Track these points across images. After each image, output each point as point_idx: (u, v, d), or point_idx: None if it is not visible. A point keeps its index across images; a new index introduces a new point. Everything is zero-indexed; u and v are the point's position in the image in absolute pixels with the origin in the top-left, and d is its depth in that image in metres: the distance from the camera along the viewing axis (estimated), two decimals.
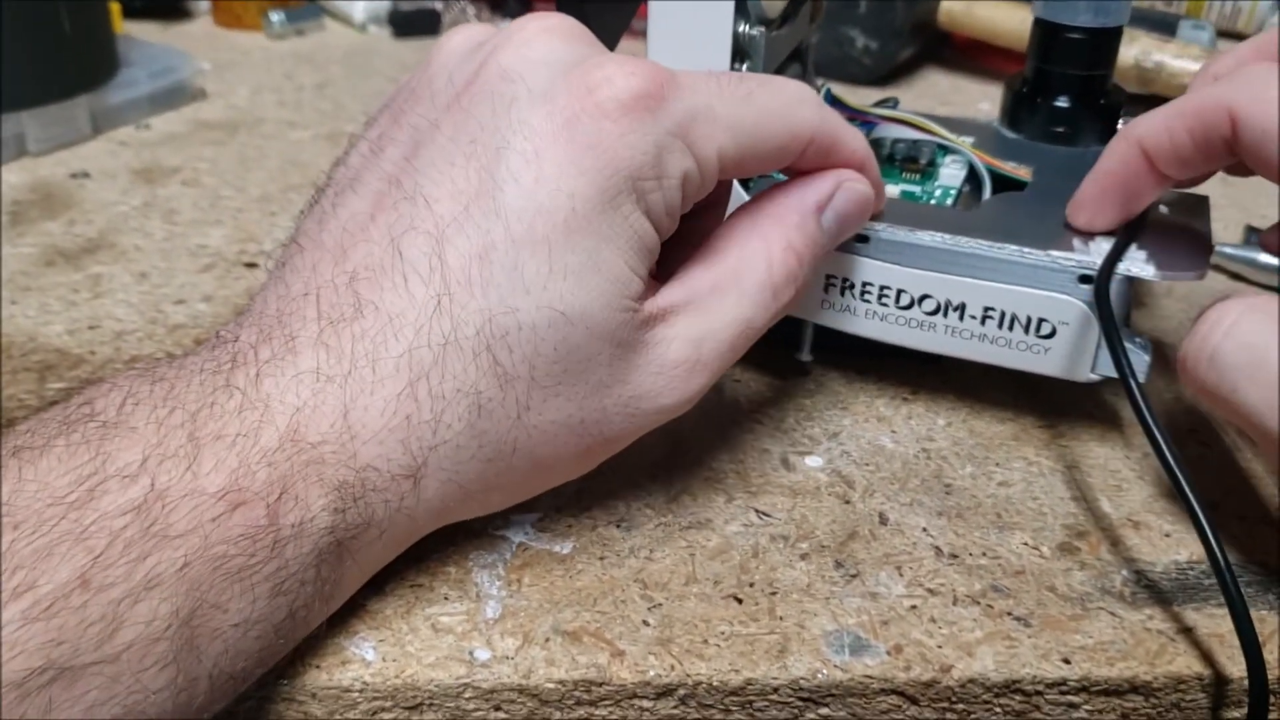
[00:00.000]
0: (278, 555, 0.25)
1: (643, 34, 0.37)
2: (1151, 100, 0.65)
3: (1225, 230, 0.52)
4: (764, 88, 0.31)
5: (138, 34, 0.73)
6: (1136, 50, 0.66)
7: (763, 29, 0.36)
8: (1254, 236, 0.50)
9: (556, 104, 0.28)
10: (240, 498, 0.24)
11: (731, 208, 0.34)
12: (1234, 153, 0.31)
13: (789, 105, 0.31)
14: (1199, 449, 0.37)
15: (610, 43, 0.38)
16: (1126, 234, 0.35)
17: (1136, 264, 0.34)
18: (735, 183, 0.36)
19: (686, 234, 0.31)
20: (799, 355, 0.39)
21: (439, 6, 0.82)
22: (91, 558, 0.22)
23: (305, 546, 0.25)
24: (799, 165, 0.32)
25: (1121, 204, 0.34)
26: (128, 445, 0.24)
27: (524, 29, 0.30)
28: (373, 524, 0.27)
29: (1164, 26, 0.71)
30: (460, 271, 0.27)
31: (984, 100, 0.71)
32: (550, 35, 0.29)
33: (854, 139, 0.33)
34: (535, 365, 0.27)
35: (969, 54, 0.76)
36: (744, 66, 0.36)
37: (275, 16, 0.78)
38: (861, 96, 0.69)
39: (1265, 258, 0.49)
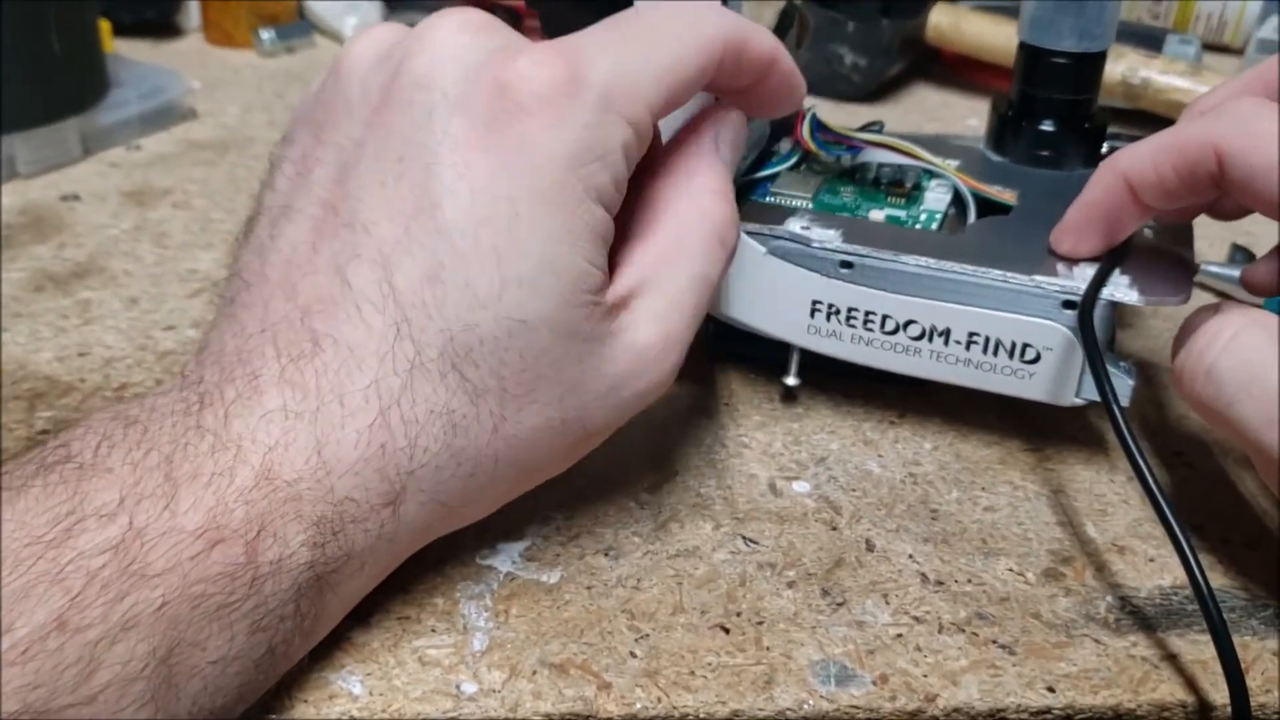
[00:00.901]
0: (256, 592, 0.25)
1: None
2: (1137, 118, 0.65)
3: (1211, 249, 0.53)
4: (664, 17, 0.30)
5: (128, 52, 0.73)
6: (1123, 66, 0.66)
7: None
8: (1239, 255, 0.51)
9: (474, 109, 0.27)
10: (218, 535, 0.24)
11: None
12: (1219, 187, 0.32)
13: (693, 24, 0.30)
14: (1185, 471, 0.38)
15: None
16: (1110, 259, 0.35)
17: (1120, 289, 0.35)
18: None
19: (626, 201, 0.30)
20: (786, 379, 0.39)
21: None
22: (69, 598, 0.22)
23: (284, 583, 0.25)
24: (718, 80, 0.31)
25: (1104, 233, 0.35)
26: (105, 485, 0.24)
27: (432, 28, 0.29)
28: (353, 555, 0.27)
29: (1150, 41, 0.71)
30: (413, 295, 0.27)
31: (972, 116, 0.71)
32: (457, 34, 0.29)
33: (760, 33, 0.32)
34: (504, 376, 0.27)
35: (958, 70, 0.77)
36: None
37: (266, 34, 0.78)
38: (850, 113, 0.70)
39: None
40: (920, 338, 0.36)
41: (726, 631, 0.30)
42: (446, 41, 0.29)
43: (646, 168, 0.32)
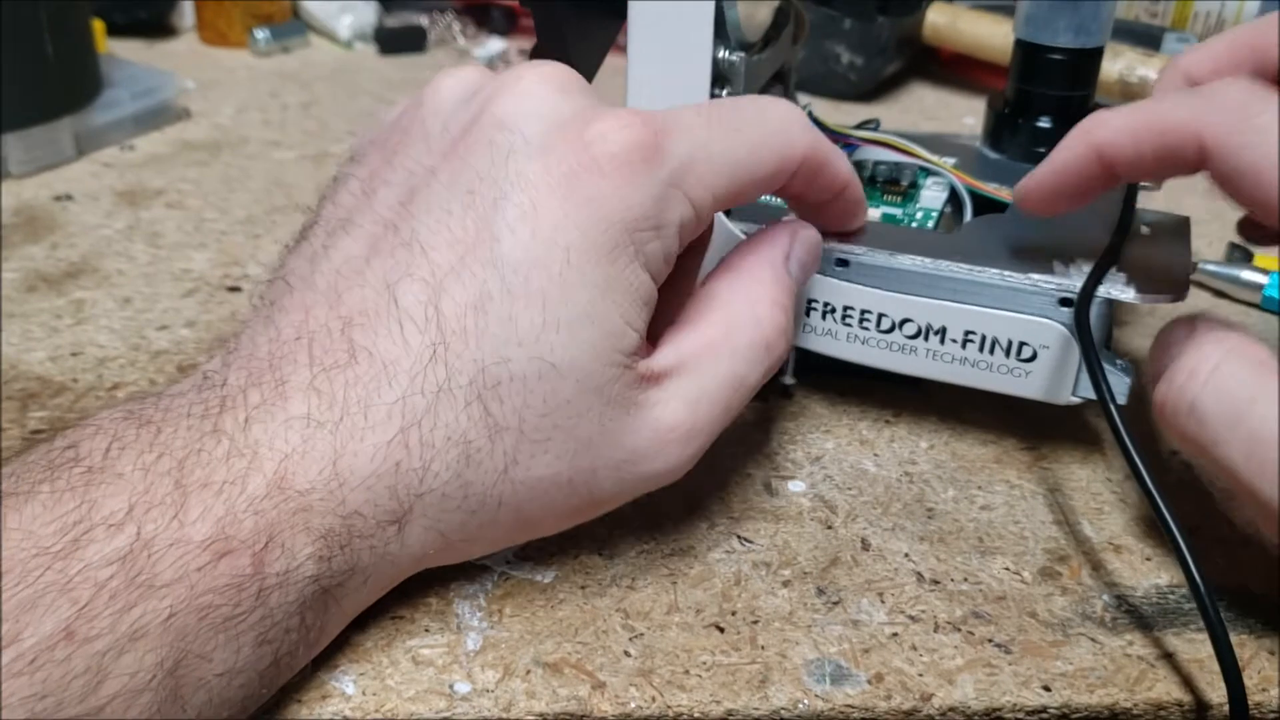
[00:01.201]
0: (263, 604, 0.25)
1: (624, 49, 0.37)
2: None
3: (1209, 247, 0.53)
4: (754, 116, 0.31)
5: (122, 52, 0.73)
6: (1121, 65, 0.66)
7: (743, 54, 0.36)
8: (1237, 254, 0.50)
9: (553, 157, 0.28)
10: (226, 546, 0.24)
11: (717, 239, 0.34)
12: (1198, 170, 0.30)
13: (779, 132, 0.31)
14: (1182, 470, 0.37)
15: (591, 66, 0.38)
16: (1107, 257, 0.35)
17: (1116, 287, 0.34)
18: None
19: (672, 281, 0.31)
20: (782, 378, 0.39)
21: (424, 23, 0.82)
22: (76, 609, 0.22)
23: (290, 595, 0.25)
24: (790, 188, 0.32)
25: (1070, 199, 0.34)
26: (114, 492, 0.24)
27: (521, 78, 0.29)
28: (357, 570, 0.27)
29: (1148, 40, 0.71)
30: (455, 321, 0.27)
31: (969, 115, 0.71)
32: (546, 85, 0.29)
33: (840, 158, 0.33)
34: (525, 418, 0.27)
35: (954, 68, 0.77)
36: (724, 92, 0.36)
37: (260, 34, 0.78)
38: (847, 112, 0.70)
39: (1248, 275, 0.49)
40: (916, 336, 0.36)
41: (721, 630, 0.30)
42: (533, 92, 0.29)
43: (700, 248, 0.33)
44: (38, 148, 0.57)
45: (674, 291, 0.31)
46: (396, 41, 0.80)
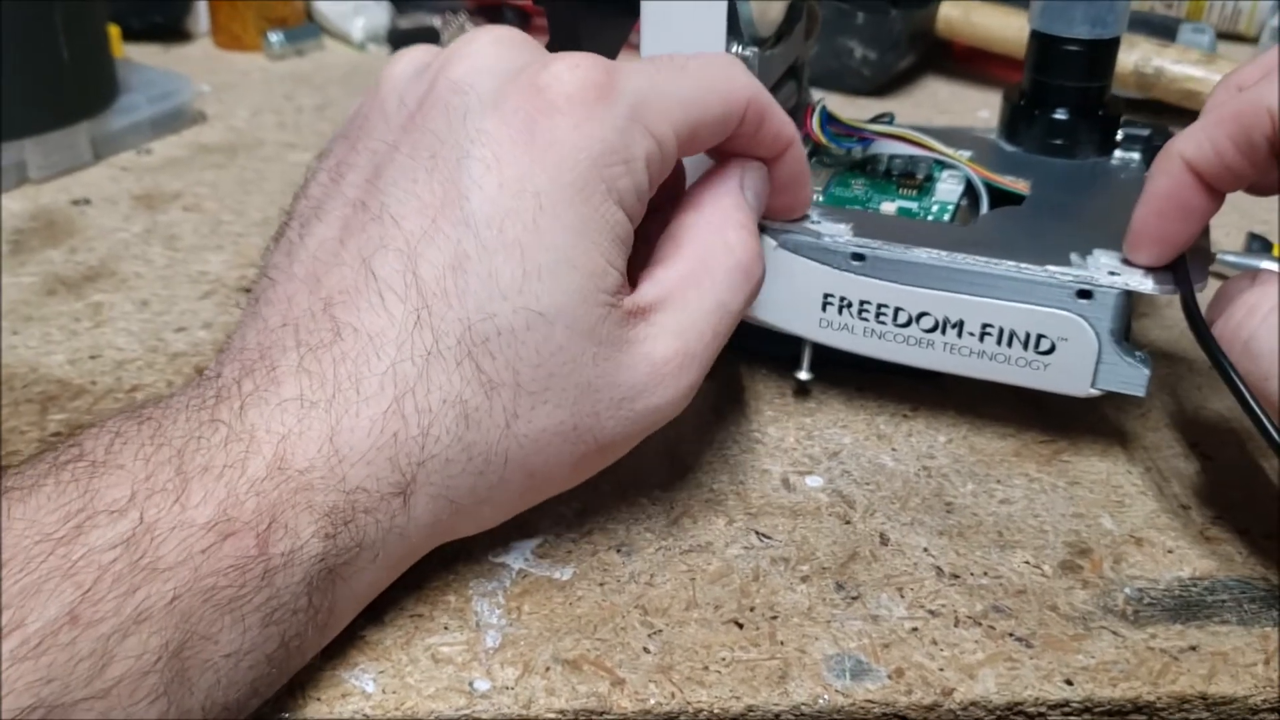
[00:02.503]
0: (268, 584, 0.25)
1: (637, 47, 0.37)
2: (1151, 108, 0.65)
3: (1227, 237, 0.52)
4: (697, 60, 0.31)
5: (138, 56, 0.73)
6: (1136, 56, 0.66)
7: (756, 50, 0.36)
8: (1256, 243, 0.50)
9: (509, 107, 0.28)
10: (229, 528, 0.24)
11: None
12: (1278, 155, 0.31)
13: (723, 74, 0.31)
14: (1202, 461, 0.37)
15: None
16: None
17: (1135, 278, 0.34)
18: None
19: (650, 226, 0.31)
20: (798, 374, 0.39)
21: (437, 23, 0.82)
22: (80, 593, 0.22)
23: (296, 575, 0.25)
24: (736, 138, 0.32)
25: (1180, 225, 0.33)
26: (116, 482, 0.24)
27: (470, 41, 0.30)
28: (365, 547, 0.27)
29: (1164, 30, 0.71)
30: (435, 284, 0.27)
31: (983, 108, 0.71)
32: (496, 44, 0.30)
33: (780, 112, 0.33)
34: (519, 370, 0.27)
35: (968, 62, 0.76)
36: None
37: (274, 37, 0.78)
38: (860, 107, 0.69)
39: (1267, 264, 0.48)
40: (933, 330, 0.36)
41: (740, 626, 0.30)
42: (483, 52, 0.30)
43: (673, 201, 0.33)
44: (55, 153, 0.57)
45: (649, 237, 0.32)
46: (409, 42, 0.79)
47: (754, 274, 0.32)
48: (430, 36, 0.81)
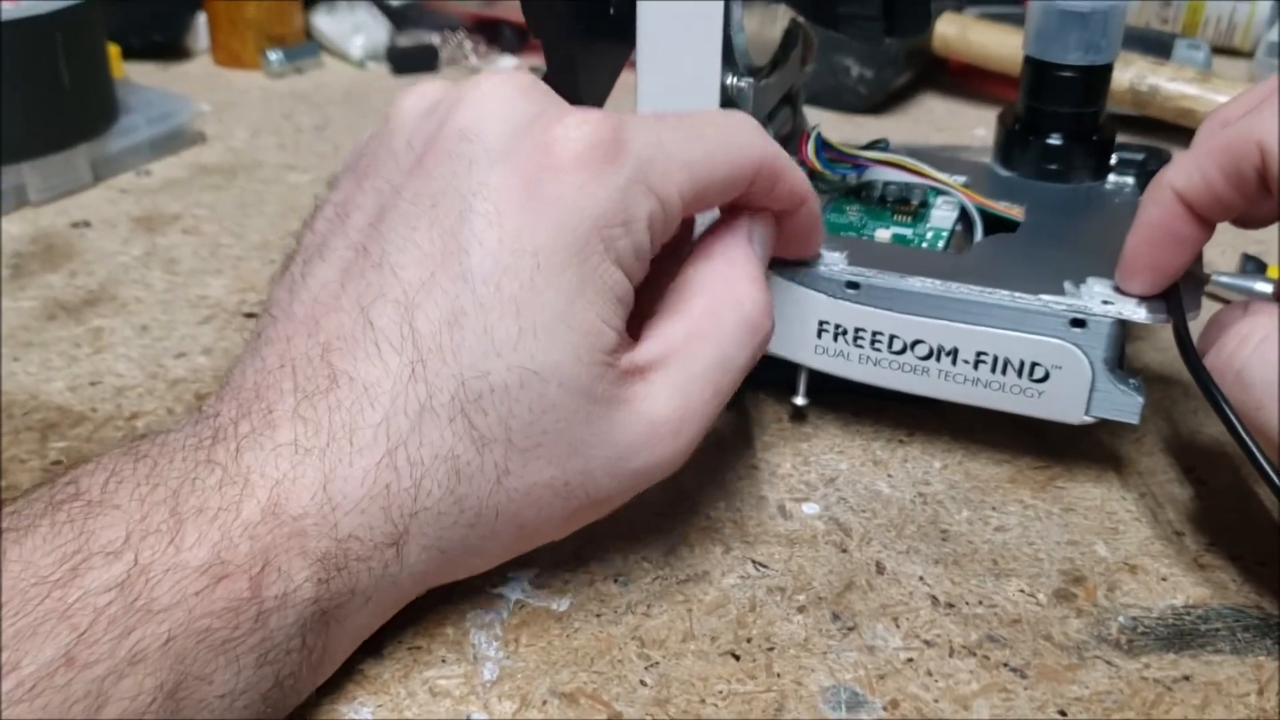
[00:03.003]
0: (262, 626, 0.25)
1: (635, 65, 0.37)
2: (1145, 125, 0.65)
3: (1222, 257, 0.53)
4: (710, 122, 0.31)
5: (137, 75, 0.74)
6: (1131, 74, 0.66)
7: (750, 80, 0.36)
8: (1250, 265, 0.50)
9: (514, 162, 0.28)
10: (223, 571, 0.25)
11: None
12: (1268, 187, 0.31)
13: (735, 135, 0.31)
14: (1197, 487, 0.37)
15: (600, 93, 0.38)
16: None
17: (1128, 307, 0.34)
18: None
19: (655, 280, 0.31)
20: (794, 399, 0.39)
21: (436, 41, 0.82)
22: (75, 635, 0.23)
23: (289, 617, 0.26)
24: (749, 196, 0.32)
25: (1172, 254, 0.34)
26: (111, 523, 0.24)
27: (479, 86, 0.30)
28: (358, 592, 0.27)
29: (1159, 47, 0.71)
30: (431, 338, 0.27)
31: (980, 126, 0.71)
32: (504, 90, 0.30)
33: (797, 170, 0.33)
34: (511, 427, 0.27)
35: (965, 79, 0.77)
36: None
37: (274, 55, 0.78)
38: (857, 125, 0.70)
39: (1261, 286, 0.49)
40: (928, 357, 0.36)
41: (737, 658, 0.30)
42: (492, 96, 0.30)
43: (679, 252, 0.33)
44: (55, 175, 0.58)
45: (655, 290, 0.32)
46: (409, 61, 0.81)
47: (762, 329, 0.31)
48: (430, 55, 0.81)
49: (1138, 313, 0.34)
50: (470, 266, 0.27)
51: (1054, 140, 0.43)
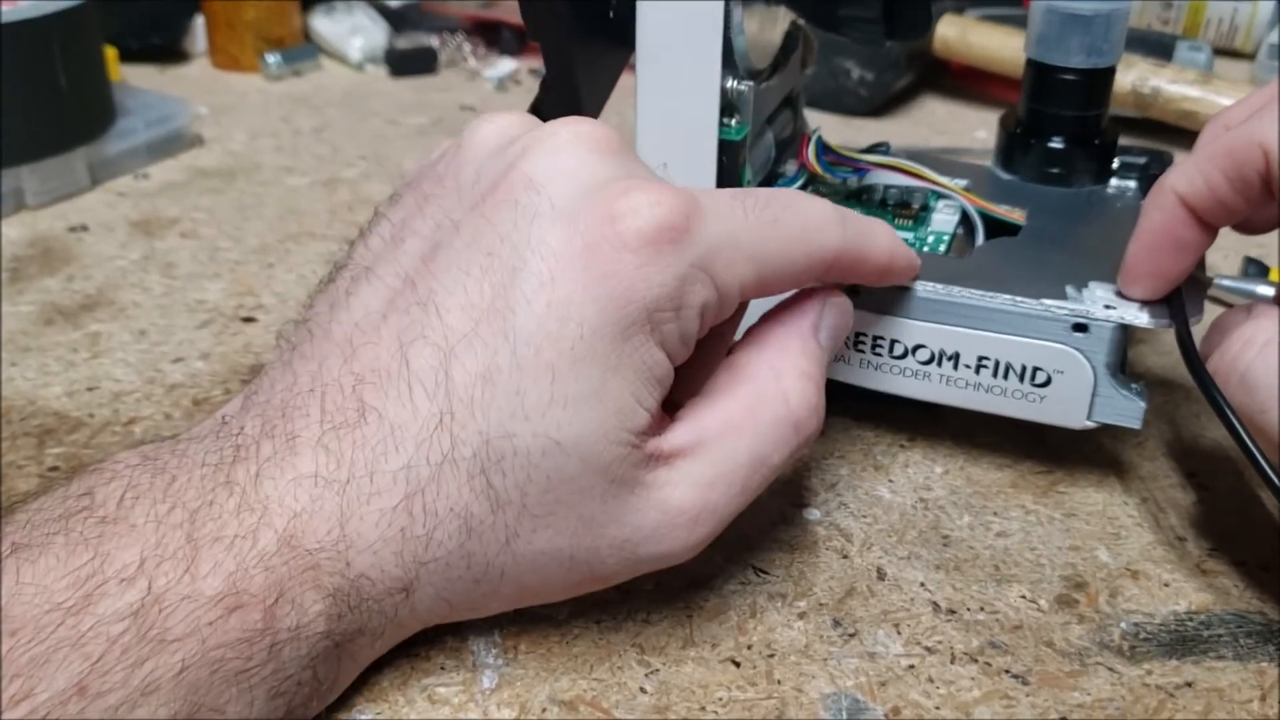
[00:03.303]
0: (275, 658, 0.25)
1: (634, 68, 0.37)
2: (1147, 127, 0.65)
3: (1225, 260, 0.52)
4: (789, 211, 0.30)
5: (135, 78, 0.74)
6: (1133, 76, 0.66)
7: (751, 84, 0.36)
8: (1253, 268, 0.50)
9: (578, 226, 0.27)
10: (238, 601, 0.24)
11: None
12: (1270, 191, 0.31)
13: (813, 230, 0.30)
14: (1199, 492, 0.37)
15: (599, 97, 0.38)
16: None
17: (1130, 312, 0.34)
18: None
19: (699, 356, 0.30)
20: None
21: (435, 44, 0.82)
22: (89, 664, 0.22)
23: (302, 649, 0.25)
24: (829, 278, 0.32)
25: (1174, 259, 0.33)
26: (126, 545, 0.24)
27: (556, 134, 0.29)
28: (366, 630, 0.27)
29: (1160, 49, 0.71)
30: (464, 390, 0.27)
31: (981, 128, 0.71)
32: (580, 145, 0.29)
33: (877, 247, 0.32)
34: (527, 493, 0.27)
35: (965, 81, 0.76)
36: (733, 120, 0.36)
37: (272, 58, 0.78)
38: (858, 128, 0.69)
39: (1264, 289, 0.48)
40: (929, 362, 0.36)
41: (737, 665, 0.30)
42: (566, 150, 0.29)
43: (731, 330, 0.32)
44: (53, 179, 0.57)
45: (701, 364, 0.31)
46: (407, 63, 0.81)
47: (806, 429, 0.30)
48: (428, 58, 0.81)
49: (1140, 317, 0.34)
50: (515, 325, 0.27)
51: (1056, 144, 0.43)
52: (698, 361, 0.30)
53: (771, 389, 0.30)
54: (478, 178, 0.30)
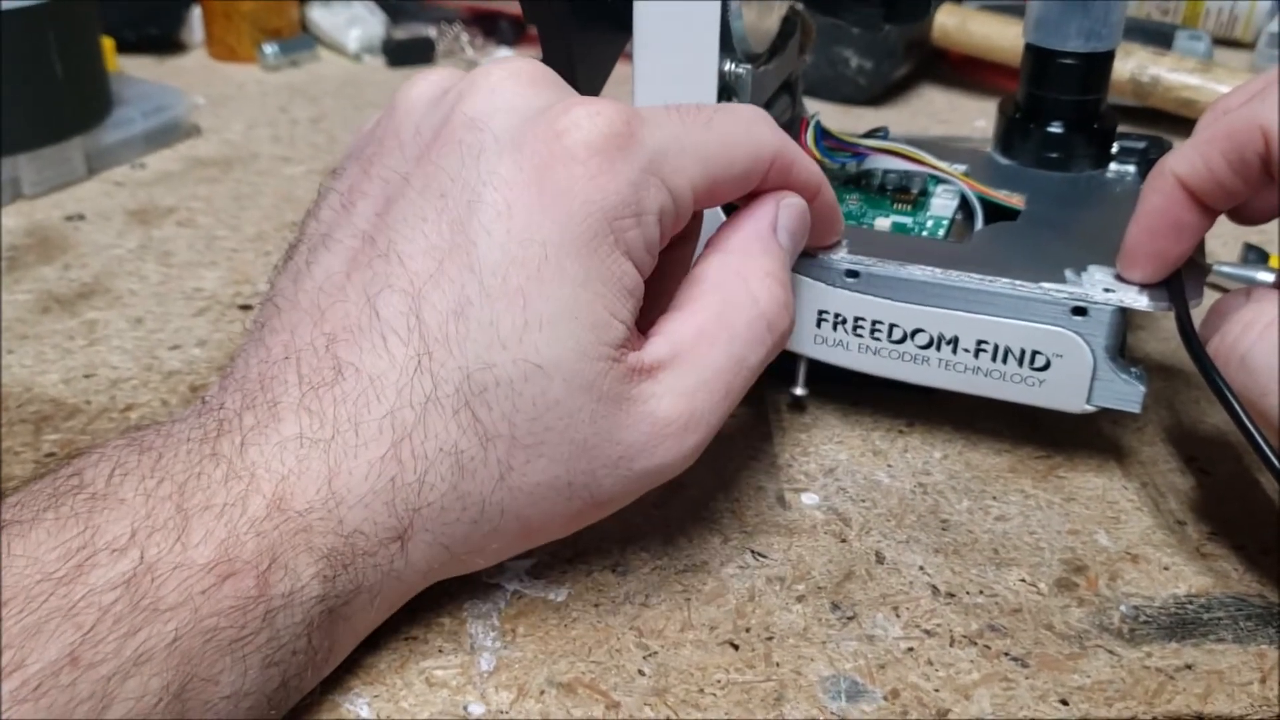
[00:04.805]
0: (269, 625, 0.25)
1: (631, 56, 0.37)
2: (1147, 116, 0.65)
3: (1224, 247, 0.52)
4: (722, 114, 0.31)
5: (132, 68, 0.73)
6: (1132, 64, 0.66)
7: (749, 67, 0.36)
8: (1252, 254, 0.50)
9: (524, 152, 0.28)
10: (230, 568, 0.24)
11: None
12: (1270, 173, 0.31)
13: (748, 128, 0.31)
14: (1199, 476, 0.37)
15: (597, 81, 0.38)
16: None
17: (1129, 295, 0.34)
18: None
19: (664, 274, 0.31)
20: (794, 389, 0.39)
21: (432, 34, 0.82)
22: (81, 634, 0.22)
23: (296, 616, 0.25)
24: (764, 189, 0.32)
25: (1173, 242, 0.33)
26: (116, 518, 0.24)
27: (489, 75, 0.29)
28: (363, 589, 0.27)
29: (1160, 38, 0.71)
30: (438, 329, 0.27)
31: (980, 117, 0.71)
32: (515, 80, 0.29)
33: (809, 162, 0.33)
34: (515, 422, 0.27)
35: (964, 70, 0.76)
36: None
37: (269, 48, 0.78)
38: (856, 117, 0.69)
39: (1263, 275, 0.48)
40: (928, 346, 0.36)
41: (735, 648, 0.30)
42: (502, 85, 0.29)
43: (688, 245, 0.32)
44: (49, 168, 0.57)
45: (669, 281, 0.31)
46: (405, 53, 0.80)
47: (779, 326, 0.31)
48: (426, 48, 0.81)
49: (1139, 300, 0.34)
50: (478, 258, 0.27)
51: (1055, 128, 0.43)
52: (665, 279, 0.31)
53: (740, 292, 0.30)
54: (418, 131, 0.30)
